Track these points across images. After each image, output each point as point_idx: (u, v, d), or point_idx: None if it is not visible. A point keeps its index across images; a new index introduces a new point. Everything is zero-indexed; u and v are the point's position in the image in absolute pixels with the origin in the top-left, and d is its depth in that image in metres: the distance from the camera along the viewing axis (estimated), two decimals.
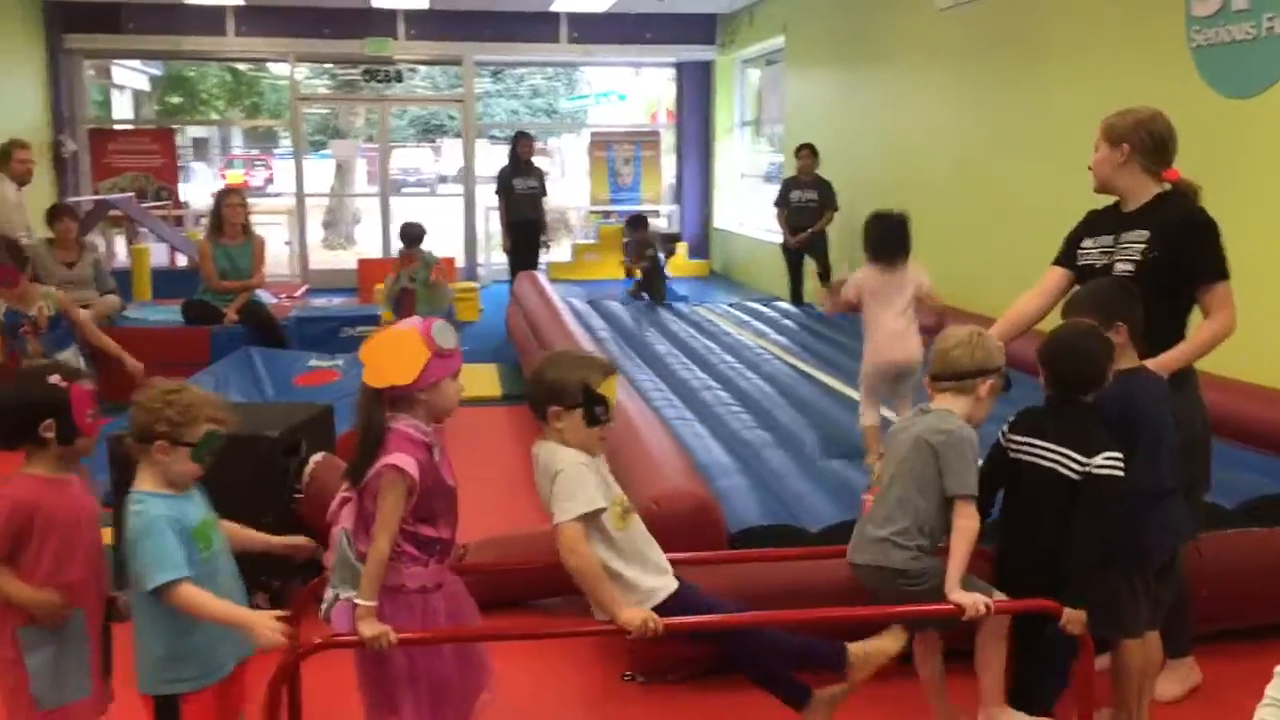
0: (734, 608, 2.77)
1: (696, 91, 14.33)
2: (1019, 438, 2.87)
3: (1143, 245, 3.15)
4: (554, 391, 2.61)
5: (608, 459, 3.88)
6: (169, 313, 7.69)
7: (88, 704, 2.57)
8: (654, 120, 16.92)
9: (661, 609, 2.60)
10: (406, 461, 2.40)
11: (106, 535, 3.91)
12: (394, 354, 2.46)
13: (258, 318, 7.33)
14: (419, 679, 2.53)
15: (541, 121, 26.10)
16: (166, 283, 9.91)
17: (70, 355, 5.16)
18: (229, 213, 7.35)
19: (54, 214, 7.27)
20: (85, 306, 7.12)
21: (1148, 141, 3.21)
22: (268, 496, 3.70)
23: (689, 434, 4.75)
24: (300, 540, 2.76)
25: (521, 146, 10.17)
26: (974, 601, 2.67)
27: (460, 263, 12.97)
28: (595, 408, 2.60)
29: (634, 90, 20.94)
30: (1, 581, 2.44)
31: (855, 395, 4.95)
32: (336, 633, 2.47)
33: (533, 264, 10.29)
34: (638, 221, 10.10)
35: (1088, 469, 2.71)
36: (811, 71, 11.02)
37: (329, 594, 2.50)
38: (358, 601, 2.41)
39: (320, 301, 10.59)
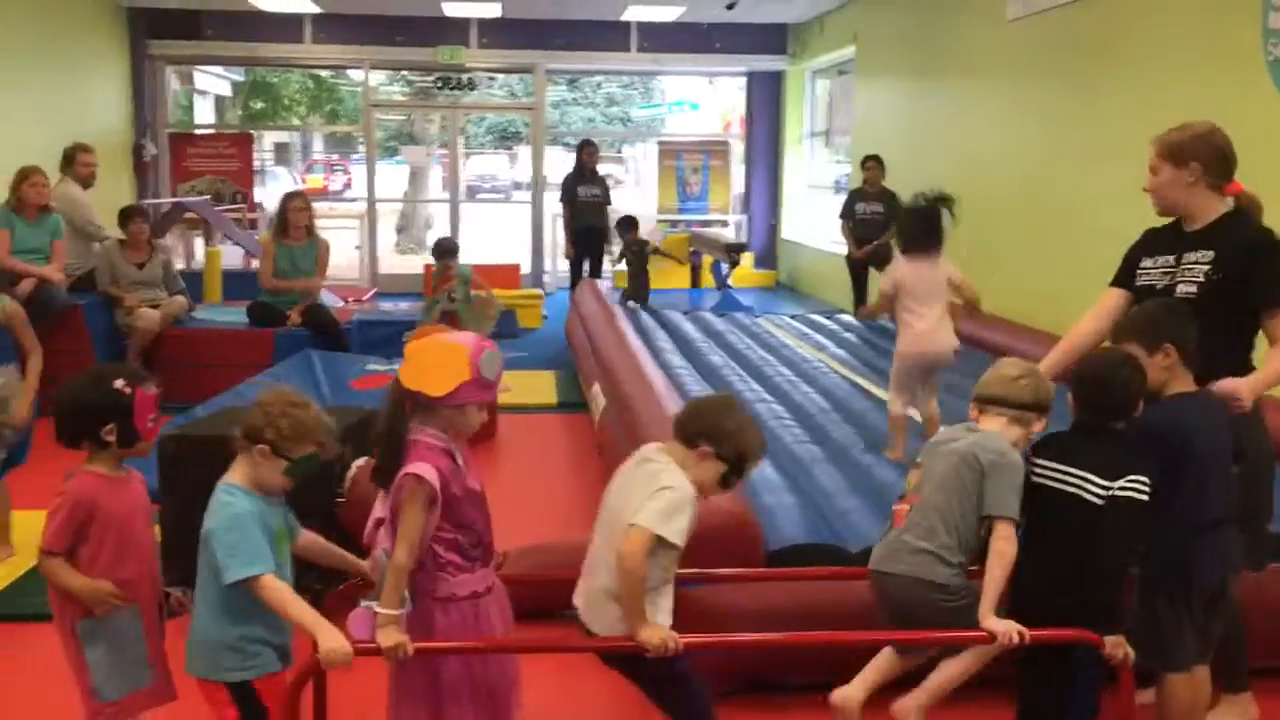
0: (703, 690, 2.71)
1: (766, 101, 14.25)
2: (1042, 461, 2.80)
3: (1207, 266, 3.03)
4: (719, 438, 2.61)
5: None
6: (235, 314, 7.83)
7: (147, 694, 2.61)
8: (728, 130, 16.88)
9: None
10: (426, 470, 2.39)
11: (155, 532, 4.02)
12: (436, 363, 2.44)
13: (320, 320, 7.43)
14: (468, 688, 2.52)
15: (616, 130, 26.19)
16: (237, 285, 10.10)
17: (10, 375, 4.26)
18: (293, 216, 7.46)
19: (126, 215, 7.44)
20: (154, 306, 7.33)
21: (1214, 157, 3.09)
22: (310, 500, 3.71)
23: None
24: (368, 567, 2.73)
25: (586, 154, 10.20)
26: (1008, 629, 2.59)
27: (526, 269, 13.03)
28: (734, 477, 2.65)
29: (707, 100, 20.94)
30: (60, 573, 2.51)
31: (914, 412, 4.94)
32: (359, 640, 2.46)
33: (597, 272, 10.29)
34: (628, 223, 9.71)
35: (1110, 492, 2.64)
36: (881, 82, 10.90)
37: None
38: (378, 610, 2.40)
39: (387, 306, 10.70)
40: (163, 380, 4.68)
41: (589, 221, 10.10)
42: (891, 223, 9.02)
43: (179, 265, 11.16)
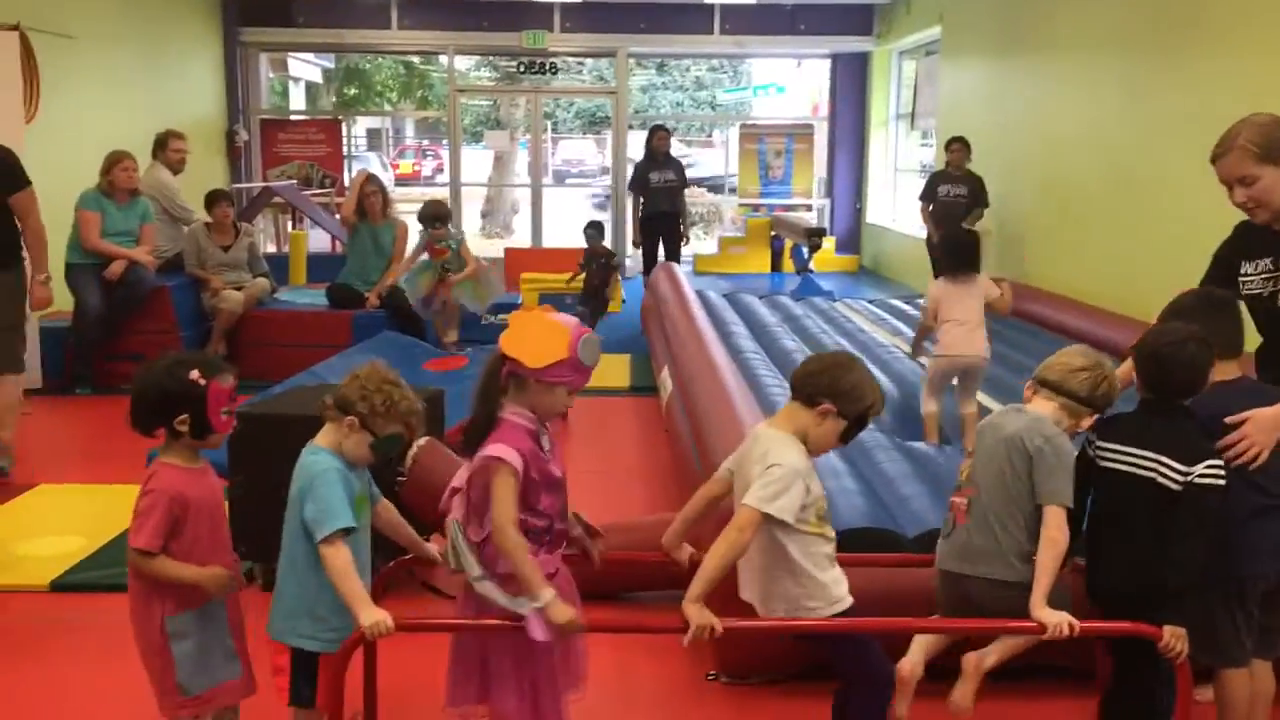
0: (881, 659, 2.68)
1: (851, 83, 14.06)
2: (1110, 445, 2.70)
3: None
4: (839, 395, 2.59)
5: (709, 452, 3.86)
6: (316, 296, 7.99)
7: (233, 686, 2.63)
8: (815, 113, 16.70)
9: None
10: (506, 451, 2.40)
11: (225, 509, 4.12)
12: (537, 336, 2.46)
13: (396, 303, 7.55)
14: (524, 668, 2.53)
15: (705, 114, 26.08)
16: (322, 267, 10.30)
17: None
18: (366, 201, 7.61)
19: (212, 199, 7.63)
20: (239, 288, 7.51)
21: None
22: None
23: None
24: (435, 552, 2.79)
25: (657, 139, 10.16)
26: (1059, 621, 2.52)
27: None
28: (855, 430, 2.63)
29: (794, 83, 20.72)
30: (168, 568, 2.50)
31: (986, 401, 5.08)
32: (474, 615, 2.50)
33: (675, 255, 10.26)
34: (595, 230, 8.77)
35: (1189, 479, 2.54)
36: (967, 62, 10.67)
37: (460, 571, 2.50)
38: (535, 606, 2.39)
39: None
40: (245, 360, 4.84)
41: (661, 207, 10.07)
42: (976, 206, 8.87)
43: (269, 248, 11.47)
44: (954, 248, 5.56)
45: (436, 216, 7.40)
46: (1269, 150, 2.84)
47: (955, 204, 8.91)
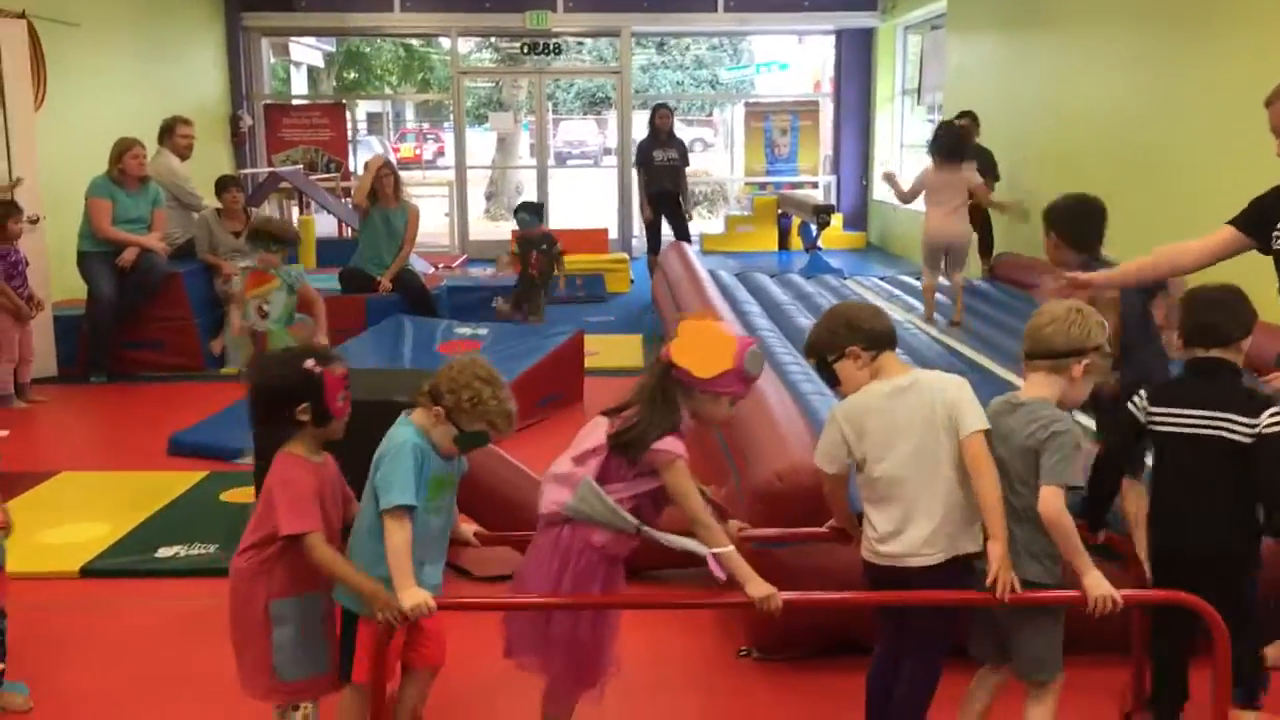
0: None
1: (856, 59, 13.99)
2: (1169, 410, 2.71)
3: None
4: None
5: (738, 431, 3.86)
6: (327, 280, 7.97)
7: (324, 680, 2.63)
8: (818, 89, 16.63)
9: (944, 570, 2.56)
10: (679, 446, 2.49)
11: (248, 494, 4.13)
12: (707, 345, 2.52)
13: (409, 286, 7.55)
14: (577, 638, 2.58)
15: (705, 93, 25.98)
16: (331, 251, 10.29)
17: None
18: (379, 183, 7.60)
19: (221, 185, 7.62)
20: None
21: None
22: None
23: (826, 410, 4.64)
24: (470, 534, 2.86)
25: (659, 118, 10.15)
26: (1105, 593, 2.47)
27: (614, 234, 13.04)
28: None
29: (797, 60, 20.62)
30: (339, 564, 2.50)
31: (1003, 372, 5.23)
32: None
33: (683, 234, 10.24)
34: (532, 211, 8.26)
35: (1257, 429, 2.59)
36: (974, 36, 10.61)
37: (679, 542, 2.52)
38: (741, 578, 2.48)
39: (476, 272, 10.81)
40: (261, 346, 4.83)
41: (664, 185, 10.07)
42: (986, 179, 8.81)
43: None
44: (942, 139, 6.75)
45: (268, 235, 5.07)
46: None
47: None
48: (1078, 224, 3.73)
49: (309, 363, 2.56)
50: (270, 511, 2.54)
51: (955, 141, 6.64)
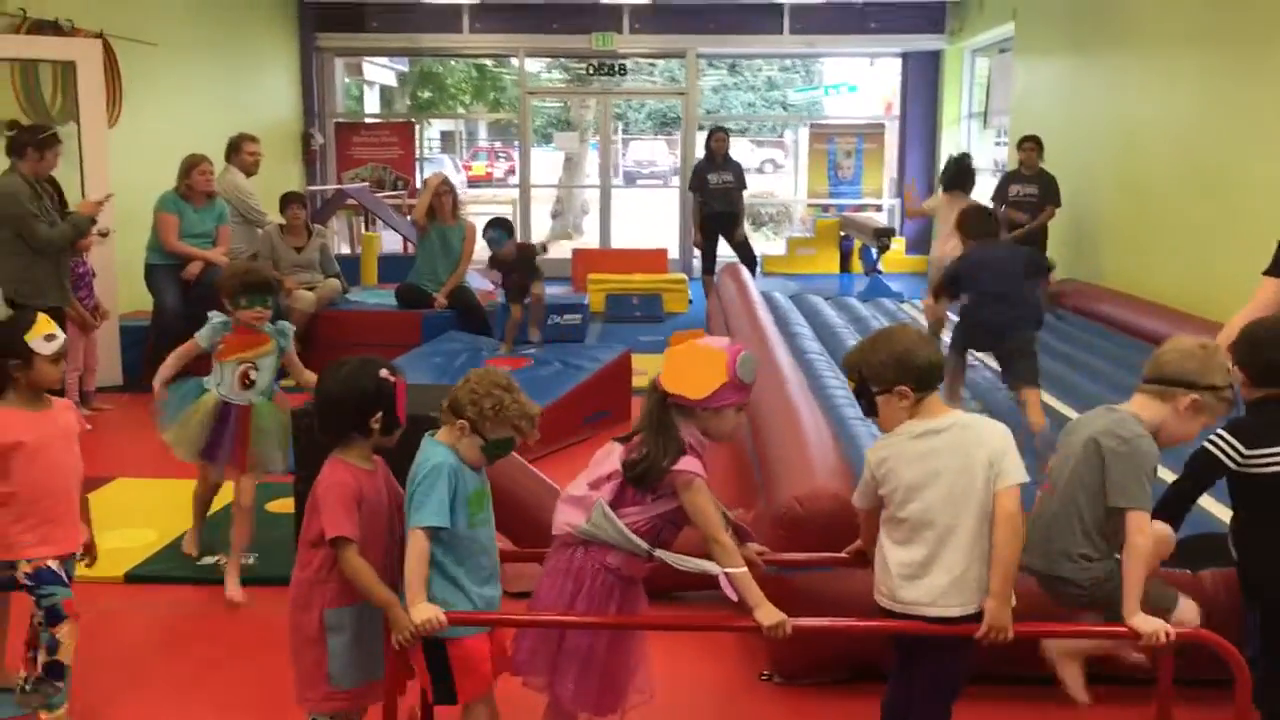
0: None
1: (923, 82, 13.89)
2: (1266, 450, 2.70)
3: None
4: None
5: (766, 454, 3.85)
6: (385, 296, 8.12)
7: (378, 688, 2.67)
8: (889, 112, 16.55)
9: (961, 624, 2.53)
10: (697, 466, 2.51)
11: (289, 505, 4.20)
12: (694, 367, 2.53)
13: (464, 303, 7.65)
14: (591, 660, 2.60)
15: (777, 114, 25.98)
16: (394, 268, 10.46)
17: None
18: (443, 200, 7.72)
19: (284, 201, 7.80)
20: (311, 288, 7.66)
21: None
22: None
23: (867, 435, 4.62)
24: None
25: (715, 141, 10.18)
26: (1154, 629, 2.47)
27: (674, 254, 13.08)
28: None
29: (867, 82, 20.54)
30: (363, 573, 2.52)
31: (1058, 405, 5.16)
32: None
33: (748, 258, 10.20)
34: (500, 228, 7.37)
35: None
36: (1041, 59, 10.49)
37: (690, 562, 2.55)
38: (751, 603, 2.51)
39: (547, 290, 10.89)
40: (317, 359, 4.91)
41: (717, 208, 10.09)
42: (1047, 205, 8.71)
43: (343, 250, 11.68)
44: (957, 167, 7.74)
45: (266, 285, 4.17)
46: None
47: (1026, 204, 8.76)
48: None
49: (384, 372, 2.62)
50: (315, 516, 2.59)
51: (965, 173, 7.64)
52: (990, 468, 2.46)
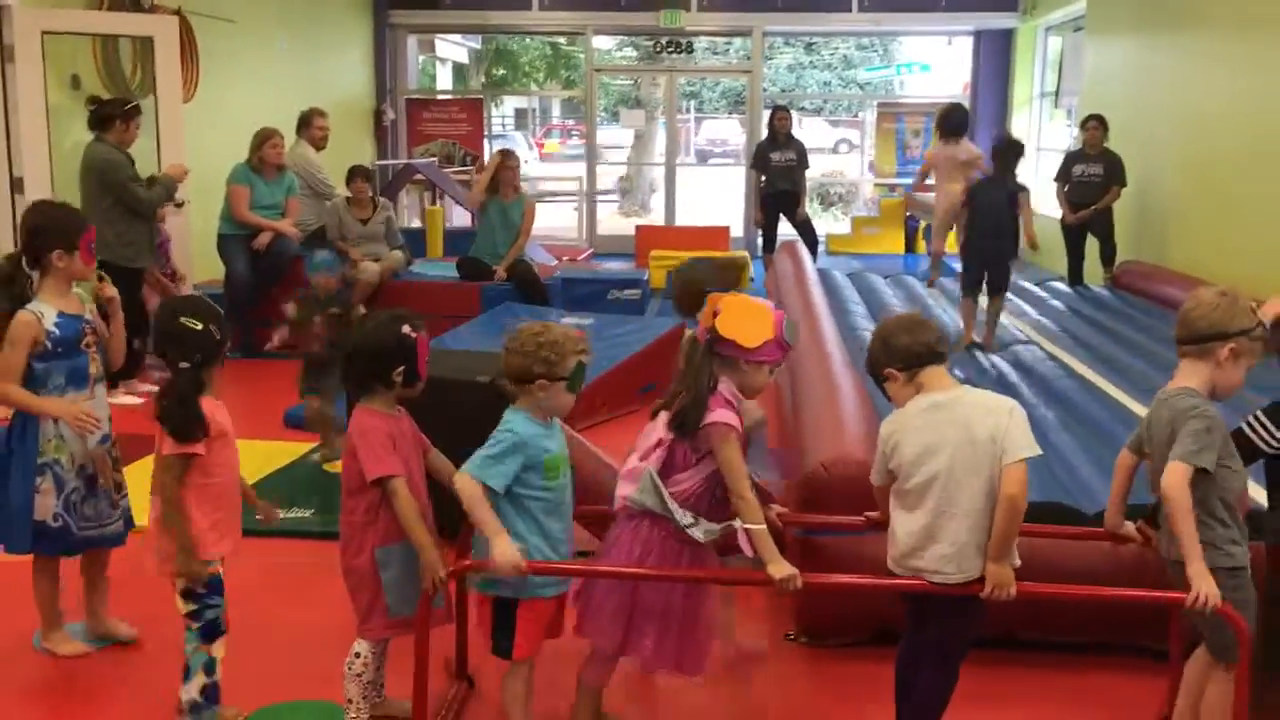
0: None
1: (995, 61, 13.71)
2: None
3: None
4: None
5: (800, 420, 3.93)
6: (447, 269, 8.30)
7: (435, 614, 2.84)
8: (965, 91, 16.35)
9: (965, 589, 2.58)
10: (732, 418, 2.59)
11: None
12: (750, 319, 2.64)
13: (523, 276, 7.80)
14: (668, 618, 2.69)
15: (851, 93, 25.77)
16: (461, 242, 10.64)
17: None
18: (503, 174, 7.86)
19: (350, 175, 7.99)
20: (376, 260, 7.87)
21: None
22: (477, 438, 3.98)
23: None
24: None
25: (777, 120, 10.19)
26: (1206, 591, 2.47)
27: (737, 232, 13.12)
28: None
29: (941, 61, 20.29)
30: (407, 505, 2.69)
31: (1114, 391, 5.11)
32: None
33: (810, 237, 10.22)
34: (314, 242, 7.02)
35: None
36: (1112, 38, 10.32)
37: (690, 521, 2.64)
38: (765, 558, 2.58)
39: (608, 265, 11.05)
40: None
41: (780, 186, 10.12)
42: (1112, 185, 8.61)
43: (413, 223, 11.91)
44: (950, 112, 7.98)
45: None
46: None
47: (1090, 184, 8.68)
48: None
49: (405, 328, 2.76)
50: (353, 462, 2.75)
51: (959, 119, 7.93)
52: (994, 443, 2.51)
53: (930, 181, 8.43)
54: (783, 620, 3.56)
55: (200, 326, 2.78)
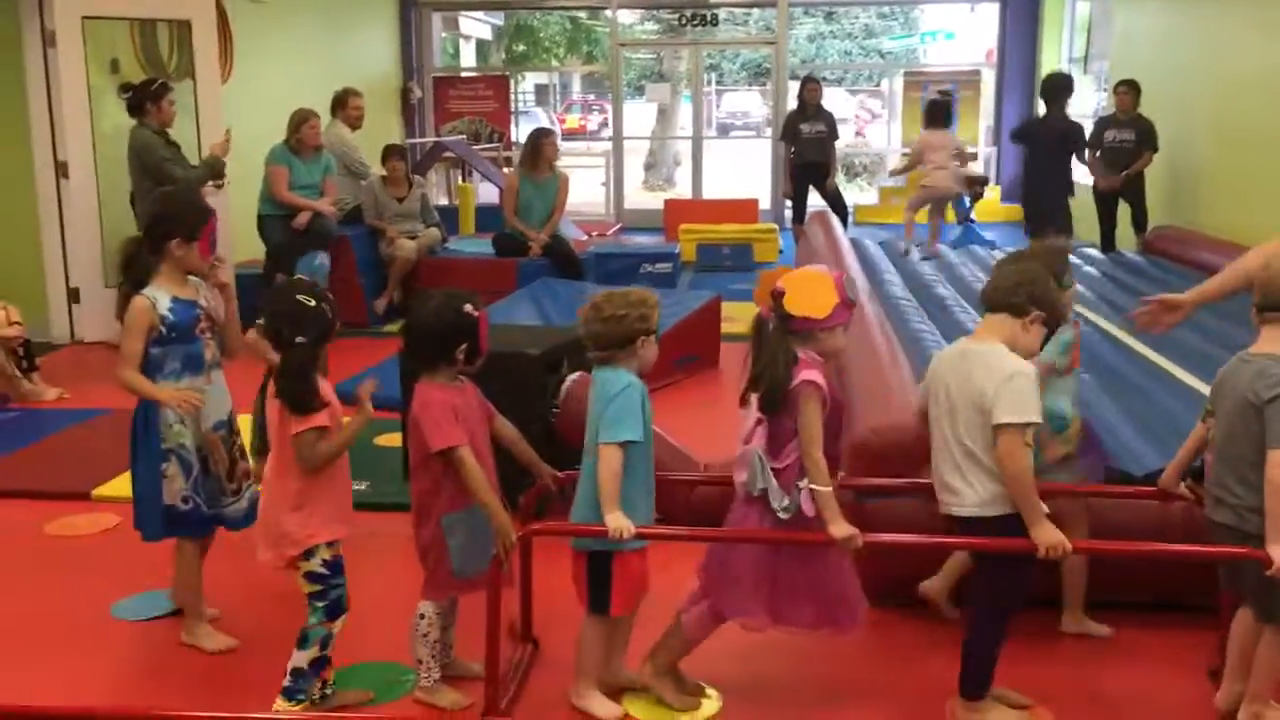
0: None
1: (1022, 27, 13.64)
2: None
3: None
4: (1047, 302, 2.75)
5: (846, 388, 4.00)
6: (483, 245, 8.38)
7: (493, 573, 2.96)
8: (990, 59, 16.27)
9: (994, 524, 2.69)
10: (818, 376, 2.68)
11: (396, 439, 4.47)
12: (814, 291, 2.72)
13: (559, 251, 7.87)
14: (817, 584, 2.79)
15: (873, 62, 25.63)
16: (489, 218, 10.72)
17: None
18: (548, 150, 7.92)
19: (386, 154, 8.09)
20: (412, 237, 7.96)
21: None
22: (528, 410, 4.06)
23: None
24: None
25: (808, 91, 10.21)
26: None
27: (765, 205, 13.14)
28: (1048, 339, 2.82)
29: (966, 28, 20.14)
30: (474, 471, 2.78)
31: (1152, 355, 5.12)
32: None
33: (839, 207, 10.25)
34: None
35: None
36: (1141, 2, 10.27)
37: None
38: (826, 518, 2.67)
39: (638, 240, 11.10)
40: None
41: (810, 158, 10.15)
42: (1144, 151, 8.59)
43: (441, 200, 12.00)
44: (933, 104, 9.00)
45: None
46: None
47: (1122, 149, 8.65)
48: None
49: (467, 306, 2.85)
50: (418, 434, 2.85)
51: (942, 109, 8.90)
52: (985, 397, 2.63)
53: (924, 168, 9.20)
54: None
55: (314, 304, 2.83)
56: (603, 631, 2.91)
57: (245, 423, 3.79)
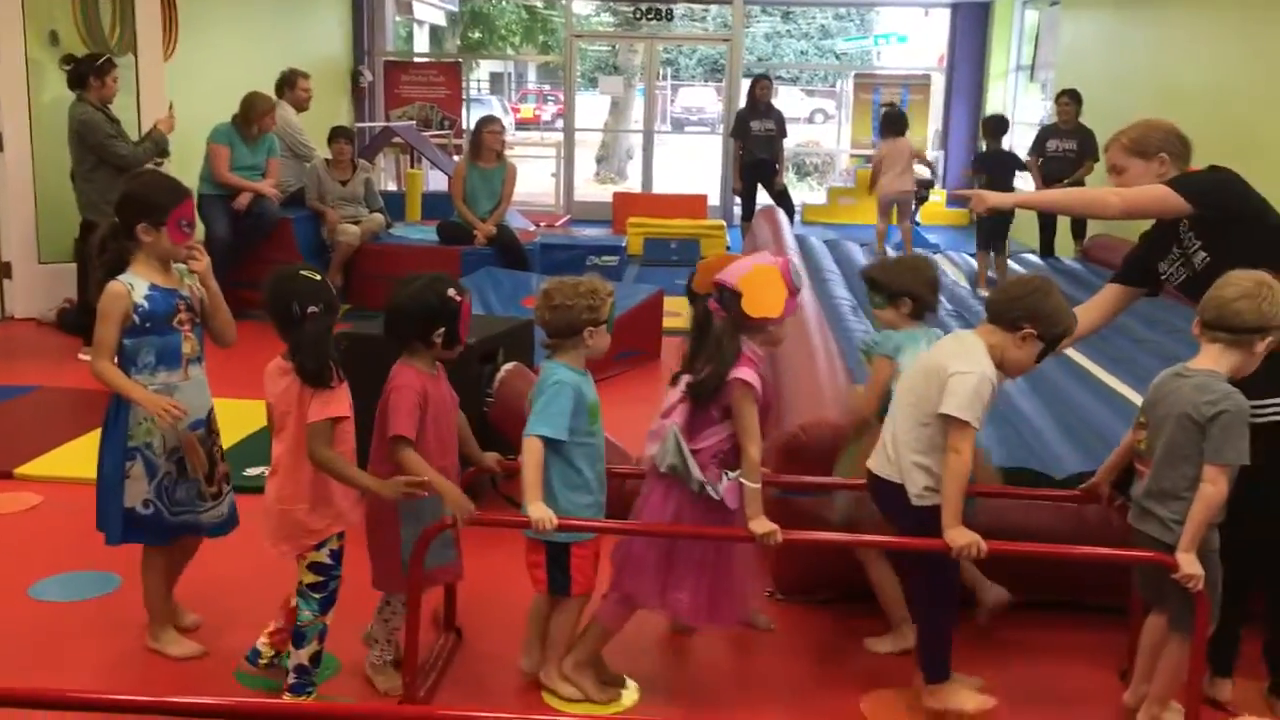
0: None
1: (972, 34, 13.81)
2: (1260, 402, 2.73)
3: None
4: (1043, 317, 2.72)
5: (778, 384, 4.03)
6: (427, 232, 8.33)
7: (447, 570, 2.97)
8: (941, 63, 16.45)
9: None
10: (752, 376, 2.70)
11: None
12: (770, 291, 2.73)
13: (504, 241, 7.84)
14: (703, 572, 2.83)
15: (828, 63, 25.77)
16: (440, 205, 10.65)
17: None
18: (489, 139, 7.87)
19: (332, 135, 8.00)
20: (355, 222, 7.89)
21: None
22: (463, 399, 4.05)
23: None
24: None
25: (759, 89, 10.29)
26: (1195, 571, 2.58)
27: (714, 201, 13.18)
28: (1048, 353, 2.80)
29: (918, 32, 20.33)
30: (415, 463, 2.74)
31: (1080, 360, 5.21)
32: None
33: (786, 203, 10.33)
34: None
35: None
36: (1087, 13, 10.44)
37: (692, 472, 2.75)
38: (749, 513, 2.71)
39: (586, 232, 11.08)
40: (360, 290, 5.08)
41: (758, 155, 10.23)
42: (1085, 160, 8.72)
43: (390, 186, 11.89)
44: (888, 115, 9.38)
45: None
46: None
47: (1064, 158, 8.78)
48: None
49: (451, 291, 2.83)
50: (384, 417, 2.80)
51: (896, 120, 9.22)
52: (944, 371, 2.70)
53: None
54: (760, 578, 3.66)
55: (319, 278, 2.82)
56: (572, 611, 2.94)
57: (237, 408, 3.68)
